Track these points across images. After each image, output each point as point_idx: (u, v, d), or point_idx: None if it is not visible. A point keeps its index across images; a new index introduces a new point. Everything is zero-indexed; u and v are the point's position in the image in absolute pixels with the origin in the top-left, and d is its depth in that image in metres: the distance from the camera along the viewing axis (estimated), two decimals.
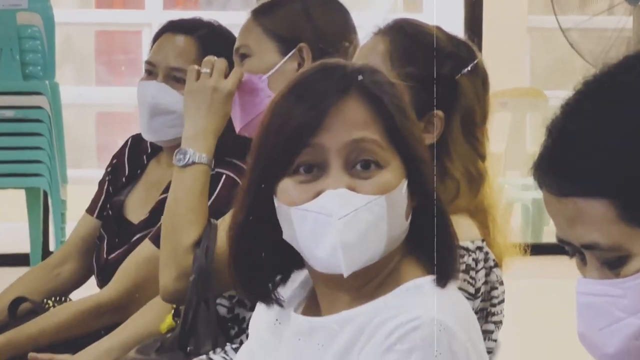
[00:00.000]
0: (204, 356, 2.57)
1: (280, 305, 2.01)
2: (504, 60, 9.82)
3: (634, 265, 1.49)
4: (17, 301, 3.23)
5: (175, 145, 3.18)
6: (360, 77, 1.92)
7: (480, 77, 2.46)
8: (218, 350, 2.60)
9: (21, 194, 7.49)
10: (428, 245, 1.95)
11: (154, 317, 2.87)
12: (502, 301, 2.39)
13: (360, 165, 1.89)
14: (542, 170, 1.53)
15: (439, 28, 2.46)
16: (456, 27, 8.74)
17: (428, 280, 1.93)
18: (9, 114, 7.20)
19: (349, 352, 1.89)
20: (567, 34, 8.27)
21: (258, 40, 2.85)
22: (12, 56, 7.33)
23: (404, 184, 1.91)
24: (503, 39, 9.76)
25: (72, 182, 7.21)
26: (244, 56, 2.87)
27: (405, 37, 2.43)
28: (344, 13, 2.87)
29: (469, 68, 2.34)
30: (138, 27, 10.26)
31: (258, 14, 2.90)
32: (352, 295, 1.95)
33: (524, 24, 10.64)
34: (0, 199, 7.92)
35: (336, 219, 1.87)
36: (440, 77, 2.27)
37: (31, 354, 2.45)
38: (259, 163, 1.96)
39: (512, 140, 9.60)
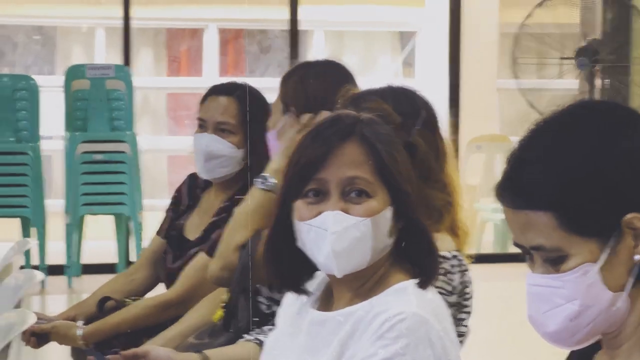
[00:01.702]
0: (242, 339, 2.54)
1: (307, 294, 2.01)
2: (479, 113, 9.78)
3: (571, 263, 1.45)
4: (104, 299, 3.21)
5: (223, 180, 3.19)
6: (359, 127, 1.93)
7: (428, 127, 2.31)
8: (256, 330, 2.59)
9: (110, 219, 7.50)
10: (413, 256, 1.96)
11: (208, 310, 2.84)
12: (471, 297, 2.35)
13: (354, 193, 1.91)
14: (502, 190, 1.51)
15: (381, 101, 2.28)
16: (441, 88, 8.73)
17: (411, 283, 1.93)
18: (100, 157, 7.21)
19: (350, 338, 1.88)
20: (526, 93, 8.22)
21: (275, 104, 2.84)
22: (102, 113, 7.34)
23: (389, 211, 1.91)
24: (478, 97, 9.70)
25: (147, 210, 7.19)
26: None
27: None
28: (335, 80, 2.80)
29: (417, 127, 2.25)
30: (199, 90, 10.23)
31: (282, 80, 2.89)
32: (351, 294, 1.94)
33: (494, 85, 10.60)
34: (95, 223, 7.90)
35: (330, 232, 1.90)
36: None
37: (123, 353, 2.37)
38: (284, 187, 1.99)
39: (485, 175, 9.55)
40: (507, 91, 9.80)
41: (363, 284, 1.94)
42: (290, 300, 2.06)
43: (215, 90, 3.24)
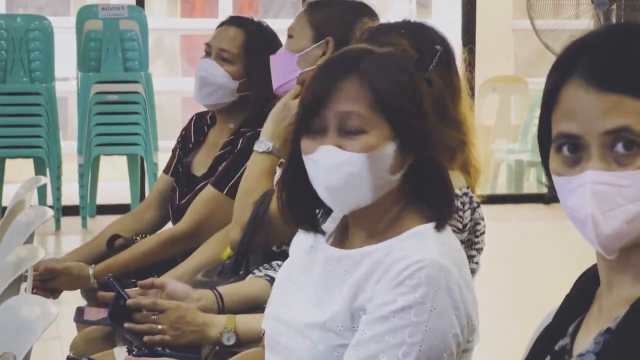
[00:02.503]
0: (251, 275, 2.54)
1: (322, 233, 1.98)
2: (494, 54, 9.72)
3: None
4: (113, 238, 3.21)
5: (225, 114, 3.19)
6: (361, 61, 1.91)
7: (444, 63, 2.27)
8: (265, 265, 2.59)
9: (124, 160, 7.51)
10: (427, 196, 1.92)
11: (217, 247, 2.84)
12: (483, 233, 2.33)
13: (349, 128, 1.87)
14: (588, 59, 1.40)
15: (399, 35, 2.28)
16: (456, 29, 8.66)
17: (430, 227, 1.89)
18: (114, 97, 7.17)
19: (367, 280, 1.85)
20: (542, 34, 8.13)
21: (300, 27, 2.80)
22: (115, 53, 7.30)
23: (389, 146, 1.87)
24: (493, 38, 9.65)
25: (162, 151, 7.19)
26: (289, 36, 2.83)
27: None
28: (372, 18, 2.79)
29: (433, 63, 2.21)
30: (213, 31, 10.19)
31: (309, 6, 2.86)
32: (366, 233, 1.92)
33: (510, 26, 10.52)
34: (108, 163, 7.91)
35: (322, 167, 1.88)
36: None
37: (131, 300, 2.37)
38: (296, 123, 1.97)
39: (500, 116, 9.51)
40: (523, 32, 9.73)
41: (376, 223, 1.92)
42: (303, 235, 2.04)
43: (229, 20, 3.25)
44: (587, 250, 1.48)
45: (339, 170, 1.87)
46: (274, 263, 2.57)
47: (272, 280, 2.47)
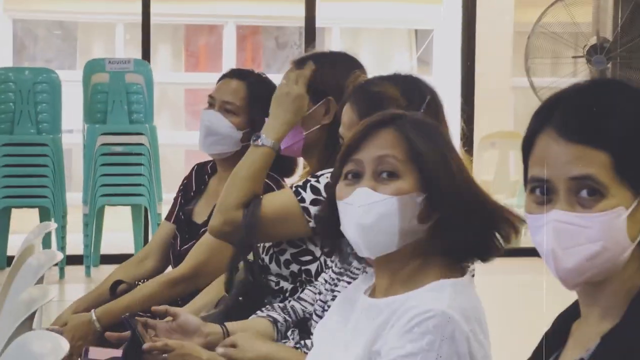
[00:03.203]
0: (254, 315, 2.62)
1: (349, 264, 2.14)
2: (493, 111, 9.86)
3: (608, 203, 1.49)
4: (116, 283, 3.31)
5: (226, 163, 3.30)
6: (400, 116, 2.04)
7: (432, 112, 2.35)
8: (267, 307, 2.67)
9: (128, 211, 7.61)
10: (450, 246, 1.99)
11: (218, 291, 2.94)
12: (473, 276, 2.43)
13: (385, 174, 1.97)
14: (564, 120, 1.53)
15: (390, 85, 2.42)
16: (456, 86, 8.79)
17: (450, 282, 1.97)
18: (119, 149, 7.30)
19: (383, 328, 1.94)
20: (540, 92, 8.27)
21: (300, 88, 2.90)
22: (121, 106, 7.43)
23: (418, 195, 1.97)
24: (492, 94, 9.77)
25: (165, 202, 7.27)
26: None
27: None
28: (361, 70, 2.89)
29: (422, 109, 2.31)
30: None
31: (297, 65, 2.96)
32: (389, 282, 2.01)
33: (509, 83, 10.66)
34: (113, 214, 8.00)
35: (357, 206, 1.98)
36: None
37: (147, 345, 2.40)
38: (332, 172, 2.10)
39: (499, 171, 9.62)
40: (522, 89, 9.87)
41: (399, 273, 2.01)
42: (344, 291, 2.17)
43: (230, 73, 3.38)
44: None
45: (371, 210, 1.97)
46: (275, 305, 2.66)
47: (274, 320, 2.57)
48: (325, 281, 2.51)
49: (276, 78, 3.54)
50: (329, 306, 2.38)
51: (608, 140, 1.51)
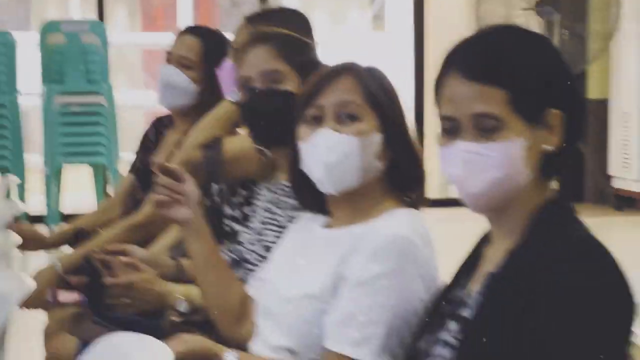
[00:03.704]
0: None
1: (325, 214, 2.23)
2: None
3: (506, 134, 1.68)
4: (79, 232, 3.46)
5: (181, 114, 3.47)
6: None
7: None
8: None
9: (89, 171, 7.69)
10: (403, 184, 2.17)
11: (173, 238, 3.08)
12: None
13: (345, 116, 2.13)
14: (465, 61, 1.71)
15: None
16: (408, 43, 8.93)
17: (405, 210, 2.14)
18: (76, 108, 7.41)
19: (349, 254, 2.08)
20: None
21: (242, 39, 3.07)
22: (78, 67, 7.52)
23: (377, 136, 2.12)
24: (444, 46, 9.89)
25: (125, 163, 7.38)
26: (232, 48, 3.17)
27: None
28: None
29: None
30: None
31: (249, 20, 3.15)
32: (349, 214, 2.16)
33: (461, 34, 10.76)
34: (74, 174, 8.11)
35: (322, 147, 2.13)
36: None
37: (110, 280, 2.51)
38: (295, 116, 2.23)
39: None
40: None
41: (359, 206, 2.16)
42: (294, 226, 2.31)
43: (186, 30, 3.53)
44: None
45: (336, 149, 2.12)
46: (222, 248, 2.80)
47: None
48: (250, 230, 2.64)
49: (232, 35, 3.70)
50: (259, 255, 2.54)
51: (505, 79, 1.69)
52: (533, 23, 8.22)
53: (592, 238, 1.68)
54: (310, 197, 2.24)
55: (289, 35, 2.69)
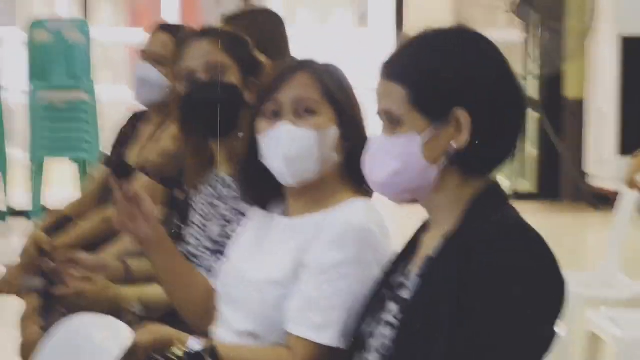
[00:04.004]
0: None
1: (267, 210, 2.32)
2: None
3: (404, 129, 1.82)
4: (62, 219, 3.64)
5: (155, 109, 3.60)
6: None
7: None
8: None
9: (73, 168, 7.81)
10: (359, 175, 2.18)
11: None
12: None
13: (303, 111, 2.23)
14: (382, 64, 1.87)
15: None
16: (389, 41, 9.01)
17: (361, 200, 2.23)
18: (60, 105, 7.54)
19: (308, 241, 2.18)
20: None
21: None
22: (62, 63, 7.65)
23: (333, 129, 2.22)
24: None
25: None
26: None
27: None
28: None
29: None
30: None
31: (226, 20, 3.32)
32: (307, 204, 2.25)
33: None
34: (57, 170, 8.22)
35: (282, 140, 2.22)
36: None
37: (60, 291, 2.60)
38: (252, 110, 2.32)
39: None
40: None
41: (316, 195, 2.26)
42: (251, 216, 2.39)
43: (160, 27, 3.66)
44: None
45: (295, 142, 2.22)
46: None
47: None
48: (193, 224, 2.73)
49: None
50: (204, 246, 2.65)
51: (404, 77, 1.82)
52: (514, 24, 8.35)
53: (521, 221, 1.80)
54: (253, 190, 2.34)
55: (232, 31, 2.80)
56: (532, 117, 8.68)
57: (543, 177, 9.06)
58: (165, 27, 3.66)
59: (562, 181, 8.99)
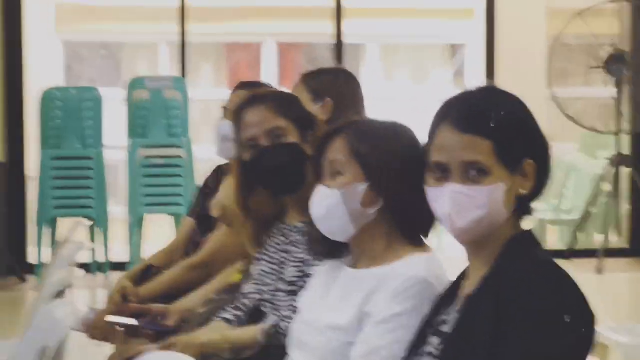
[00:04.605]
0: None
1: (340, 259, 2.47)
2: None
3: (491, 179, 1.97)
4: (149, 267, 3.82)
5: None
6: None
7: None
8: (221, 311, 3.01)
9: (170, 222, 8.01)
10: (405, 228, 2.39)
11: (227, 275, 3.36)
12: None
13: (334, 173, 2.42)
14: (460, 116, 2.00)
15: None
16: None
17: (423, 256, 2.36)
18: (159, 161, 7.82)
19: (373, 293, 2.33)
20: (560, 102, 8.60)
21: (299, 93, 3.39)
22: (160, 121, 7.91)
23: (360, 185, 2.37)
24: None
25: None
26: None
27: None
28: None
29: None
30: None
31: (305, 76, 3.53)
32: (367, 259, 2.41)
33: (542, 94, 10.92)
34: (156, 225, 8.49)
35: (314, 201, 2.44)
36: None
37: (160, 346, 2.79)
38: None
39: None
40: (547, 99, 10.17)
41: (372, 249, 2.41)
42: (321, 268, 2.55)
43: (240, 86, 3.88)
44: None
45: (322, 203, 2.42)
46: (227, 307, 2.97)
47: (226, 320, 2.90)
48: (265, 272, 2.87)
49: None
50: (278, 289, 2.80)
51: (490, 132, 1.99)
52: (602, 80, 8.39)
53: (553, 263, 1.95)
54: (320, 245, 2.50)
55: (281, 92, 2.99)
56: (625, 173, 8.69)
57: (635, 232, 9.03)
58: (245, 85, 3.85)
59: None
